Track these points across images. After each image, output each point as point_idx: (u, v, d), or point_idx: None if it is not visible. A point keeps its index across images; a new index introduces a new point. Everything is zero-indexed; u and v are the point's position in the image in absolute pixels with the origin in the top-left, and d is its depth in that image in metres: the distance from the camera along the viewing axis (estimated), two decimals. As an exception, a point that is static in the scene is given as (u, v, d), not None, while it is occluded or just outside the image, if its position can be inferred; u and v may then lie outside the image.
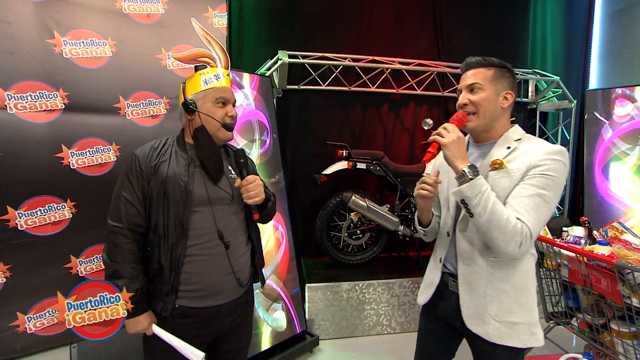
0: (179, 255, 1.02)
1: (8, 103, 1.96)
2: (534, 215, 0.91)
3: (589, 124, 2.93)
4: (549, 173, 0.92)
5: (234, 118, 1.13)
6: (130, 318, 1.00)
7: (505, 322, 0.97)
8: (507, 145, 1.01)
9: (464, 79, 1.04)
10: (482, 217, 0.90)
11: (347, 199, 2.37)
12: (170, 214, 1.03)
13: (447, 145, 0.95)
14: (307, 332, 2.21)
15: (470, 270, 1.01)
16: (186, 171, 1.06)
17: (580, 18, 3.38)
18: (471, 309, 1.01)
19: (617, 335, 1.50)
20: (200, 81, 1.11)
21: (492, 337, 0.97)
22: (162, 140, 1.12)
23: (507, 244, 0.90)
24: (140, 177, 1.05)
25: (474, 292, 1.00)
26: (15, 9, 1.97)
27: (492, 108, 1.01)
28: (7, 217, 1.97)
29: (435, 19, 2.99)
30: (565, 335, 2.03)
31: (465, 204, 0.93)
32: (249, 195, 1.09)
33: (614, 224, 1.74)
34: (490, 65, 1.02)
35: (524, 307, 0.99)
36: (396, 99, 2.96)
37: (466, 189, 0.92)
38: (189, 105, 1.08)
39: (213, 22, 2.54)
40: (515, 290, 0.98)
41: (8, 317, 1.99)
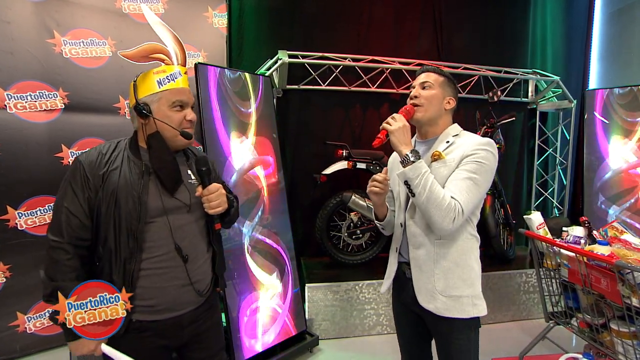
0: (132, 270, 0.95)
1: (8, 103, 1.96)
2: (465, 195, 1.04)
3: (588, 124, 2.93)
4: (479, 160, 1.06)
5: (192, 123, 1.05)
6: (73, 340, 0.93)
7: (451, 296, 1.10)
8: (447, 140, 1.15)
9: (418, 79, 1.20)
10: (422, 196, 1.02)
11: (347, 198, 2.37)
12: (122, 227, 0.95)
13: (393, 132, 1.07)
14: (307, 332, 2.21)
15: (419, 254, 1.13)
16: (139, 180, 0.97)
17: (580, 18, 3.38)
18: (422, 288, 1.12)
19: (617, 335, 1.50)
20: (154, 81, 1.00)
21: (441, 311, 1.09)
22: (111, 145, 1.03)
23: (442, 219, 1.02)
24: (86, 186, 0.95)
25: (423, 272, 1.12)
26: (15, 9, 1.97)
27: (437, 106, 1.16)
28: (6, 217, 1.97)
29: (435, 19, 3.00)
30: (565, 335, 2.03)
31: (408, 184, 1.05)
32: (211, 206, 1.03)
33: (613, 224, 1.74)
34: (442, 74, 1.19)
35: (465, 282, 1.11)
36: (396, 99, 2.96)
37: (409, 170, 1.04)
38: (142, 110, 0.99)
39: (213, 21, 2.54)
40: (457, 267, 1.11)
41: (8, 316, 1.99)
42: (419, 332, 1.24)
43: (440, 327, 1.13)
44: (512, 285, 2.58)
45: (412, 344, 1.28)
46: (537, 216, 1.82)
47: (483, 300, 1.13)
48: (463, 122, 1.22)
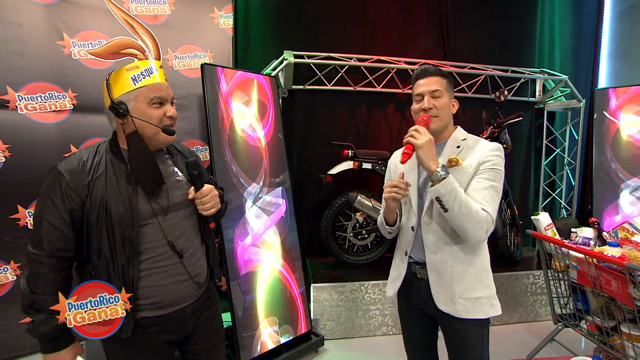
0: (132, 274, 0.94)
1: (19, 104, 1.99)
2: (492, 204, 1.06)
3: (598, 124, 2.89)
4: (495, 167, 1.08)
5: (173, 118, 1.01)
6: (49, 353, 0.91)
7: (470, 298, 1.11)
8: (457, 144, 1.15)
9: (426, 85, 1.14)
10: (455, 211, 1.02)
11: (353, 199, 2.37)
12: (115, 234, 0.93)
13: (421, 146, 1.04)
14: (312, 332, 2.21)
15: (437, 258, 1.12)
16: (127, 184, 0.94)
17: (589, 16, 3.33)
18: (440, 292, 1.12)
19: (627, 339, 1.48)
20: (128, 79, 0.95)
21: (461, 314, 1.10)
22: (91, 150, 0.98)
23: (477, 232, 1.04)
24: (68, 197, 0.91)
25: (441, 277, 1.12)
26: (26, 12, 2.00)
27: (447, 113, 1.16)
28: (17, 215, 2.00)
29: (441, 19, 2.98)
30: (574, 338, 2.01)
31: (439, 200, 1.03)
32: (204, 208, 1.03)
33: (624, 225, 1.71)
34: (443, 75, 1.16)
35: (482, 283, 1.13)
36: (402, 99, 2.94)
37: (441, 187, 1.02)
38: (118, 109, 0.94)
39: (219, 22, 2.55)
40: (474, 270, 1.12)
41: (18, 314, 2.01)
42: (427, 332, 1.24)
43: (455, 327, 1.13)
44: (520, 286, 2.55)
45: (419, 344, 1.28)
46: (545, 217, 1.80)
47: (498, 300, 1.15)
48: (469, 122, 1.22)
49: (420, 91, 1.16)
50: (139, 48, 1.00)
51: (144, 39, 1.01)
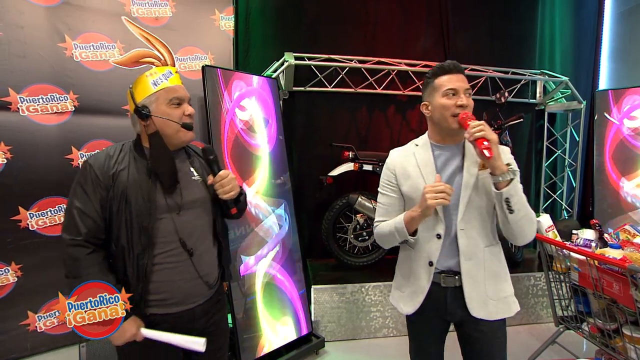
0: (145, 265, 0.99)
1: (20, 106, 2.00)
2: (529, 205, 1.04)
3: (598, 125, 2.88)
4: (516, 168, 1.05)
5: (192, 116, 1.08)
6: None
7: (500, 299, 1.11)
8: None
9: (459, 81, 1.08)
10: (520, 212, 1.00)
11: (354, 200, 2.37)
12: (133, 224, 0.98)
13: (495, 141, 0.98)
14: (313, 333, 2.21)
15: (472, 264, 1.09)
16: (147, 178, 1.02)
17: (590, 18, 3.34)
18: (474, 298, 1.09)
19: (629, 341, 1.47)
20: (149, 84, 1.05)
21: (494, 316, 1.09)
22: (118, 147, 1.07)
23: (532, 232, 1.04)
24: (98, 186, 0.98)
25: (475, 282, 1.09)
26: (28, 14, 2.01)
27: None
28: (18, 217, 2.01)
29: (442, 19, 2.98)
30: (575, 340, 2.00)
31: (508, 202, 1.00)
32: (224, 191, 1.06)
33: (625, 226, 1.71)
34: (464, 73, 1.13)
35: (507, 282, 1.14)
36: (402, 100, 2.95)
37: (512, 188, 0.99)
38: (142, 111, 1.02)
39: (220, 24, 2.56)
40: (501, 270, 1.13)
41: (19, 315, 2.02)
42: (441, 342, 1.21)
43: (483, 331, 1.11)
44: (521, 288, 2.54)
45: (435, 355, 1.22)
46: (546, 218, 1.80)
47: None
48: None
49: (455, 86, 1.07)
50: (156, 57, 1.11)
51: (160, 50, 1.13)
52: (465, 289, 1.08)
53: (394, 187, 1.17)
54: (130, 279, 0.99)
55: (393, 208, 1.17)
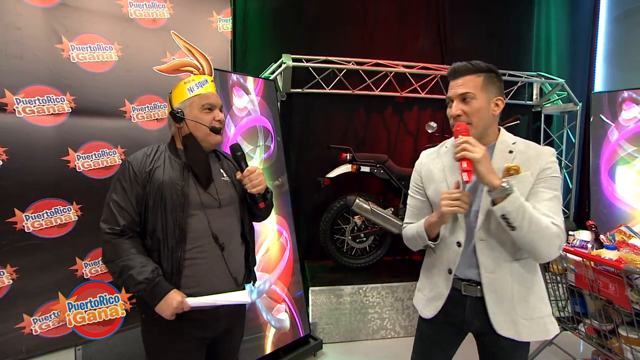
0: (179, 258, 1.04)
1: (17, 107, 1.99)
2: (560, 216, 0.95)
3: (594, 127, 2.90)
4: (556, 174, 0.98)
5: (222, 122, 1.15)
6: (159, 300, 0.98)
7: (534, 319, 1.00)
8: (508, 149, 1.01)
9: (454, 87, 1.01)
10: (524, 229, 0.91)
11: (351, 202, 2.37)
12: (168, 218, 1.04)
13: (480, 160, 0.92)
14: (311, 335, 2.21)
15: (494, 277, 1.00)
16: (181, 175, 1.08)
17: (585, 20, 3.37)
18: (500, 315, 1.01)
19: (625, 342, 1.48)
20: (185, 90, 1.13)
21: (524, 337, 1.00)
22: (154, 148, 1.14)
23: (550, 249, 0.93)
24: (135, 182, 1.05)
25: (500, 298, 1.00)
26: (25, 15, 2.00)
27: (486, 117, 1.00)
28: (14, 219, 1.99)
29: (439, 22, 3.00)
30: (572, 341, 2.01)
31: (506, 218, 0.92)
32: (253, 185, 1.11)
33: (621, 228, 1.72)
34: (479, 71, 1.00)
35: (543, 301, 1.03)
36: (400, 102, 2.96)
37: (508, 204, 0.90)
38: (177, 114, 1.11)
39: (218, 26, 2.56)
40: (537, 288, 1.02)
41: (14, 318, 2.00)
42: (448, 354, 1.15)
43: (504, 346, 1.03)
44: (518, 289, 2.55)
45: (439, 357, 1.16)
46: (543, 220, 1.80)
47: None
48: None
49: (450, 94, 1.02)
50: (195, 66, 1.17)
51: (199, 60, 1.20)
52: (488, 304, 1.01)
53: (421, 189, 1.14)
54: (165, 270, 1.03)
55: (420, 211, 1.14)
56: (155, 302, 0.99)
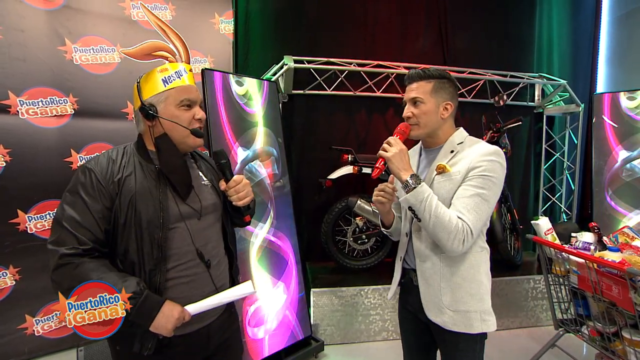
0: (158, 282, 0.88)
1: (20, 109, 2.00)
2: (473, 214, 1.01)
3: (596, 128, 2.90)
4: (486, 173, 1.02)
5: (202, 121, 0.98)
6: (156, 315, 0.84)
7: (458, 311, 1.07)
8: (451, 149, 1.10)
9: (408, 92, 1.13)
10: (427, 221, 1.00)
11: (353, 203, 2.37)
12: (144, 236, 0.88)
13: (390, 159, 1.04)
14: (312, 337, 2.20)
15: (425, 267, 1.11)
16: (157, 184, 0.91)
17: (587, 21, 3.36)
18: (429, 302, 1.10)
19: (629, 344, 1.47)
20: (159, 80, 0.93)
21: (449, 325, 1.07)
22: (119, 150, 0.95)
23: (451, 242, 0.99)
24: (101, 195, 0.87)
25: (430, 286, 1.10)
26: (28, 18, 2.01)
27: (433, 119, 1.10)
28: (17, 220, 2.00)
29: (440, 24, 3.00)
30: (575, 343, 2.00)
31: (412, 210, 1.02)
32: (239, 197, 0.98)
33: (624, 229, 1.71)
34: (429, 77, 1.10)
35: (474, 297, 1.07)
36: (401, 104, 2.95)
37: (411, 197, 1.01)
38: (148, 111, 0.92)
39: (219, 27, 2.57)
40: (465, 282, 1.08)
41: (17, 319, 2.01)
42: (425, 341, 1.22)
43: (447, 339, 1.11)
44: (520, 291, 2.54)
45: (417, 353, 1.26)
46: (545, 221, 1.80)
47: (493, 316, 1.10)
48: (469, 127, 1.20)
49: (404, 98, 1.15)
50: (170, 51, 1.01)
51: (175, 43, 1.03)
52: (420, 289, 1.11)
53: None
54: None
55: (396, 206, 1.27)
56: (151, 319, 0.84)
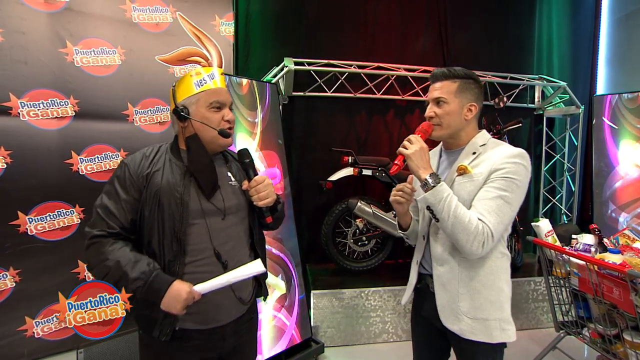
0: (176, 273, 0.94)
1: (21, 110, 2.01)
2: (495, 216, 0.97)
3: (597, 130, 2.90)
4: (509, 175, 0.99)
5: (231, 122, 1.03)
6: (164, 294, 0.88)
7: (476, 318, 1.02)
8: (473, 151, 1.08)
9: (431, 91, 1.10)
10: (446, 221, 0.97)
11: (353, 205, 2.37)
12: (165, 229, 0.94)
13: (409, 156, 1.02)
14: (312, 339, 2.20)
15: (443, 271, 1.06)
16: (182, 181, 0.97)
17: (587, 23, 3.37)
18: (446, 308, 1.06)
19: (630, 346, 1.47)
20: (191, 84, 1.00)
21: (466, 334, 1.02)
22: (154, 148, 1.03)
23: (470, 244, 0.96)
24: (131, 187, 0.95)
25: (447, 291, 1.06)
26: (30, 20, 2.02)
27: (456, 120, 1.07)
28: (17, 222, 2.00)
29: (440, 25, 3.01)
30: (576, 345, 1.99)
31: (430, 209, 1.00)
32: (260, 197, 1.01)
33: (625, 231, 1.71)
34: (455, 77, 1.07)
35: (494, 305, 1.03)
36: (401, 105, 2.96)
37: (430, 196, 0.99)
38: (180, 112, 0.98)
39: (220, 30, 2.58)
40: (484, 288, 1.03)
41: (16, 321, 2.00)
42: (438, 348, 1.18)
43: (464, 348, 1.06)
44: (521, 293, 2.54)
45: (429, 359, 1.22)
46: (545, 223, 1.80)
47: (513, 325, 1.05)
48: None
49: (427, 97, 1.12)
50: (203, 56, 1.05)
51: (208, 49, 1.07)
52: (436, 295, 1.07)
53: None
54: None
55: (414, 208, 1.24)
56: (160, 297, 0.88)
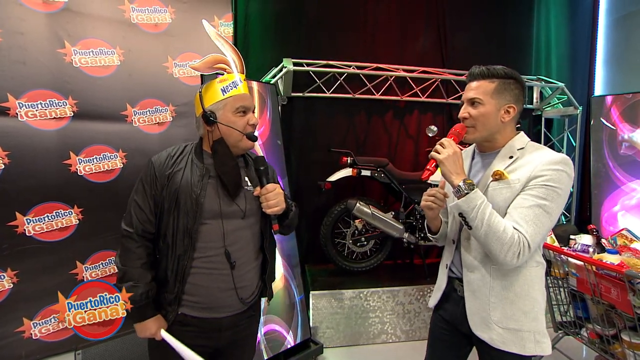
0: (185, 266, 1.02)
1: (19, 111, 2.00)
2: (532, 226, 0.92)
3: (595, 130, 2.91)
4: (550, 183, 0.93)
5: (255, 126, 1.10)
6: (137, 322, 1.02)
7: (508, 328, 0.98)
8: (510, 154, 1.02)
9: (467, 91, 1.04)
10: (479, 230, 0.93)
11: (352, 206, 2.37)
12: (179, 224, 1.02)
13: (442, 161, 0.98)
14: (312, 339, 2.19)
15: (474, 278, 1.03)
16: (199, 182, 1.04)
17: (585, 24, 3.38)
18: (476, 315, 1.02)
19: (628, 347, 1.47)
20: (218, 90, 1.06)
21: (496, 343, 0.98)
22: (180, 148, 1.11)
23: (504, 254, 0.92)
24: (154, 184, 1.04)
25: (477, 299, 1.02)
26: (28, 20, 2.02)
27: (492, 122, 1.01)
28: (15, 223, 1.99)
29: (439, 26, 3.02)
30: (574, 346, 1.99)
31: (463, 217, 0.96)
32: (269, 205, 1.06)
33: (622, 231, 1.71)
34: (493, 77, 1.00)
35: (527, 315, 0.98)
36: (400, 106, 2.96)
37: (463, 203, 0.94)
38: (209, 117, 1.04)
39: (219, 30, 2.58)
40: (518, 298, 0.99)
41: (14, 322, 1.99)
42: (458, 354, 1.15)
43: (493, 356, 1.02)
44: (520, 293, 2.54)
45: None
46: (544, 224, 1.79)
47: (548, 338, 1.00)
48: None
49: (463, 97, 1.06)
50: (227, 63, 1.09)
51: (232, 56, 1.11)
52: (466, 301, 1.04)
53: None
54: (169, 277, 1.03)
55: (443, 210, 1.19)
56: (135, 321, 1.03)
